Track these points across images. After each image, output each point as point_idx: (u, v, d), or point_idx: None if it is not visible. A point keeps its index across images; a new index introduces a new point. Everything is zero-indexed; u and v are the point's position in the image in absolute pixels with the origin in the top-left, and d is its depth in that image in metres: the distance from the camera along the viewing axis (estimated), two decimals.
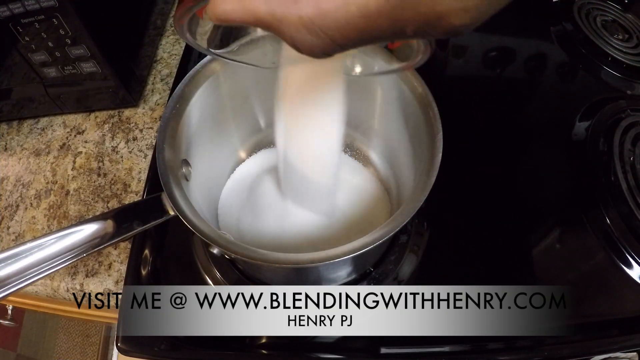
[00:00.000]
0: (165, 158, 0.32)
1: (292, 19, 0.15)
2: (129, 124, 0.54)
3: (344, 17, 0.14)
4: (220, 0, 0.16)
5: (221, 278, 0.40)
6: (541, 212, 0.44)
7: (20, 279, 0.30)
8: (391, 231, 0.29)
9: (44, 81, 0.49)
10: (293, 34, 0.15)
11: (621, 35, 0.56)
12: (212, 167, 0.42)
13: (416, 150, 0.35)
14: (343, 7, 0.14)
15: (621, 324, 0.37)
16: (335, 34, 0.15)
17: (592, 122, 0.47)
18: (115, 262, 0.44)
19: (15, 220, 0.49)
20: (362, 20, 0.14)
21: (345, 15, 0.14)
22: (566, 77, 0.54)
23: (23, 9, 0.41)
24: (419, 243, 0.41)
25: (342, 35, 0.14)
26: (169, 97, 0.36)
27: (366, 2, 0.13)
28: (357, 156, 0.45)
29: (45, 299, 0.53)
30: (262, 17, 0.15)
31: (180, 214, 0.30)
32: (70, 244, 0.31)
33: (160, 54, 0.60)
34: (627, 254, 0.40)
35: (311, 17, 0.14)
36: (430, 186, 0.30)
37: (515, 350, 0.36)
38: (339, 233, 0.38)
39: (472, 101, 0.52)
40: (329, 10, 0.14)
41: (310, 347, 0.38)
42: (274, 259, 0.28)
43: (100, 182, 0.50)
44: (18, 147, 0.55)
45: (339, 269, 0.37)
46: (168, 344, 0.37)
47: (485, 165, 0.46)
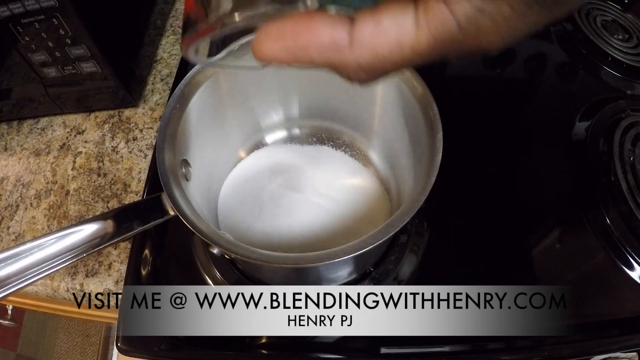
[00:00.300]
0: (165, 158, 0.32)
1: (350, 65, 0.16)
2: (129, 124, 0.54)
3: (399, 58, 0.15)
4: (267, 43, 0.16)
5: (221, 278, 0.40)
6: (541, 212, 0.44)
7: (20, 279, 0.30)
8: (391, 231, 0.29)
9: (44, 81, 0.49)
10: (350, 74, 0.16)
11: (621, 35, 0.56)
12: (212, 167, 0.42)
13: (416, 150, 0.35)
14: (398, 50, 0.15)
15: (621, 324, 0.37)
16: (389, 69, 0.16)
17: (592, 122, 0.47)
18: (115, 262, 0.44)
19: (15, 220, 0.49)
20: (414, 58, 0.15)
21: (400, 56, 0.15)
22: (566, 77, 0.54)
23: (23, 9, 0.41)
24: (419, 243, 0.41)
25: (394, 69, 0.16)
26: (169, 97, 0.36)
27: (419, 43, 0.15)
28: (357, 156, 0.45)
29: (45, 299, 0.53)
30: (317, 63, 0.16)
31: (180, 214, 0.30)
32: (70, 244, 0.31)
33: (160, 54, 0.60)
34: (627, 254, 0.40)
35: (368, 61, 0.15)
36: (430, 186, 0.30)
37: (515, 350, 0.36)
38: (339, 233, 0.38)
39: (472, 101, 0.52)
40: (384, 54, 0.15)
41: (310, 347, 0.38)
42: (273, 259, 0.28)
43: (100, 182, 0.50)
44: (18, 147, 0.55)
45: (339, 269, 0.37)
46: (168, 344, 0.37)
47: (485, 165, 0.46)
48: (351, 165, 0.44)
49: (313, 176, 0.42)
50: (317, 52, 0.16)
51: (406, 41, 0.15)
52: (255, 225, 0.39)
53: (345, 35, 0.15)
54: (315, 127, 0.47)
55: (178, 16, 0.63)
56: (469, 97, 0.52)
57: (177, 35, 0.61)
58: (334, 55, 0.16)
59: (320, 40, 0.16)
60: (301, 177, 0.42)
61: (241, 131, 0.45)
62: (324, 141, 0.47)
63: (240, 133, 0.45)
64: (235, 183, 0.43)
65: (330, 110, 0.45)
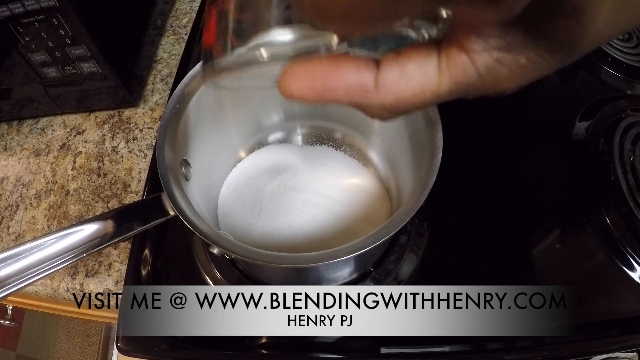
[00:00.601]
0: (165, 158, 0.32)
1: (374, 106, 0.17)
2: (129, 124, 0.54)
3: (420, 101, 0.16)
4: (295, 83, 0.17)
5: (221, 278, 0.40)
6: (541, 212, 0.44)
7: (20, 279, 0.30)
8: (391, 231, 0.29)
9: (44, 81, 0.49)
10: (373, 114, 0.18)
11: (621, 35, 0.56)
12: (212, 167, 0.42)
13: (416, 150, 0.35)
14: (420, 95, 0.16)
15: (621, 324, 0.37)
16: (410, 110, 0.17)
17: (592, 122, 0.47)
18: (115, 262, 0.44)
19: (15, 220, 0.49)
20: (434, 100, 0.16)
21: (421, 99, 0.16)
22: (566, 77, 0.54)
23: (23, 9, 0.41)
24: (419, 243, 0.41)
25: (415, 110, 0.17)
26: (169, 97, 0.36)
27: (440, 88, 0.16)
28: (357, 156, 0.45)
29: (45, 299, 0.53)
30: (342, 103, 0.17)
31: (180, 214, 0.30)
32: (70, 244, 0.31)
33: (160, 54, 0.60)
34: (627, 254, 0.40)
35: (392, 104, 0.16)
36: (430, 186, 0.30)
37: (515, 350, 0.36)
38: (339, 233, 0.38)
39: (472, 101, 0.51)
40: (408, 97, 0.16)
41: (310, 347, 0.38)
42: (273, 259, 0.28)
43: (100, 182, 0.50)
44: (18, 147, 0.55)
45: (339, 269, 0.37)
46: (168, 344, 0.37)
47: (485, 165, 0.46)
48: (351, 165, 0.44)
49: (313, 176, 0.42)
50: (344, 95, 0.17)
51: (429, 86, 0.16)
52: (255, 225, 0.39)
53: (371, 80, 0.16)
54: (315, 127, 0.47)
55: (178, 16, 0.63)
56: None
57: (177, 35, 0.61)
58: (360, 97, 0.17)
59: (348, 84, 0.16)
60: (301, 177, 0.42)
61: (241, 131, 0.45)
62: (324, 141, 0.47)
63: (240, 133, 0.45)
64: (235, 183, 0.43)
65: (330, 110, 0.45)
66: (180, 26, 0.62)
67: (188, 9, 0.64)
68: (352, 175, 0.43)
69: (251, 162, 0.45)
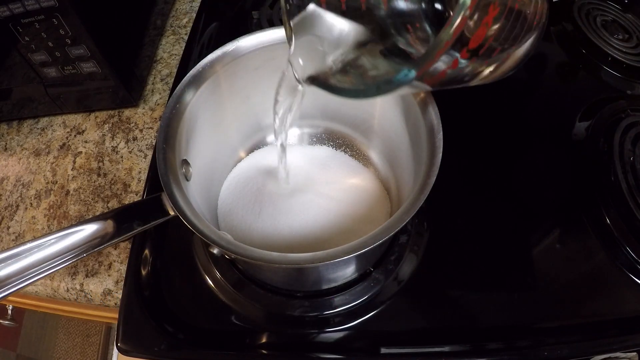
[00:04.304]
0: (165, 158, 0.32)
1: None
2: (129, 124, 0.54)
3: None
4: None
5: (221, 278, 0.40)
6: (541, 212, 0.44)
7: (20, 279, 0.30)
8: (391, 231, 0.29)
9: (44, 81, 0.49)
10: None
11: (621, 35, 0.56)
12: (212, 167, 0.42)
13: (416, 150, 0.35)
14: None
15: (621, 324, 0.37)
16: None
17: (592, 122, 0.47)
18: (115, 262, 0.44)
19: (15, 220, 0.49)
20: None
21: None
22: (566, 77, 0.54)
23: (23, 9, 0.41)
24: (419, 243, 0.41)
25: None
26: (169, 97, 0.36)
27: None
28: (357, 156, 0.45)
29: (45, 299, 0.53)
30: None
31: (180, 214, 0.30)
32: (70, 244, 0.31)
33: (160, 54, 0.60)
34: (627, 254, 0.40)
35: None
36: (430, 186, 0.30)
37: (515, 350, 0.36)
38: (339, 233, 0.38)
39: (472, 101, 0.52)
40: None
41: (310, 347, 0.38)
42: (274, 259, 0.28)
43: (100, 182, 0.50)
44: (18, 147, 0.55)
45: (339, 269, 0.37)
46: (168, 344, 0.37)
47: (485, 165, 0.46)
48: (351, 165, 0.44)
49: (313, 176, 0.42)
50: None
51: None
52: (255, 225, 0.39)
53: None
54: (315, 127, 0.47)
55: (178, 16, 0.63)
56: (468, 97, 0.52)
57: (177, 35, 0.61)
58: None
59: None
60: (301, 177, 0.42)
61: (241, 131, 0.45)
62: (324, 141, 0.47)
63: (240, 133, 0.45)
64: (235, 183, 0.43)
65: (330, 110, 0.45)
66: (180, 26, 0.62)
67: (188, 9, 0.64)
68: (352, 175, 0.43)
69: (251, 162, 0.45)
